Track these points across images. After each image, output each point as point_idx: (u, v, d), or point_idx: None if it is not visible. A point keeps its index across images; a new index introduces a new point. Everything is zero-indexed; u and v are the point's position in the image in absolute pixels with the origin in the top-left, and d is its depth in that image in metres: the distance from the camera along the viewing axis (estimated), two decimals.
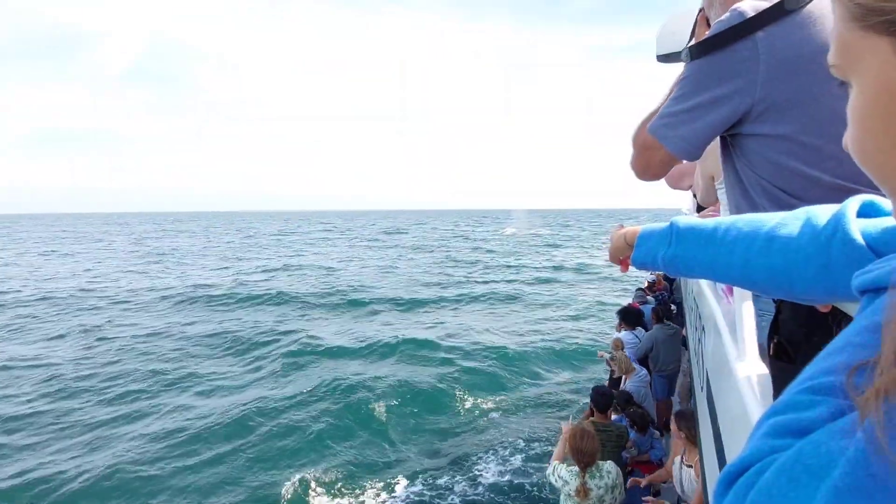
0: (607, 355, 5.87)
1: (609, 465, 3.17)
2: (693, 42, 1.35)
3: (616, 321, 7.06)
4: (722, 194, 1.83)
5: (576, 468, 3.13)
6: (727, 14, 0.95)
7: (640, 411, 4.54)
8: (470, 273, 22.99)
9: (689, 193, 3.01)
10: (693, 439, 3.09)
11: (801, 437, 0.31)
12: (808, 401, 0.33)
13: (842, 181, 0.89)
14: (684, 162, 1.20)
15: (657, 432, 4.66)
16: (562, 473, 3.16)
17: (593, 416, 4.26)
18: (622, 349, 5.64)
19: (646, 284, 10.25)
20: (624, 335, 6.25)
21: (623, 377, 5.35)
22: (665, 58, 1.67)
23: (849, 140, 0.38)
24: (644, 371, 5.46)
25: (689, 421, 3.17)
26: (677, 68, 1.18)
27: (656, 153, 1.09)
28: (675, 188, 2.56)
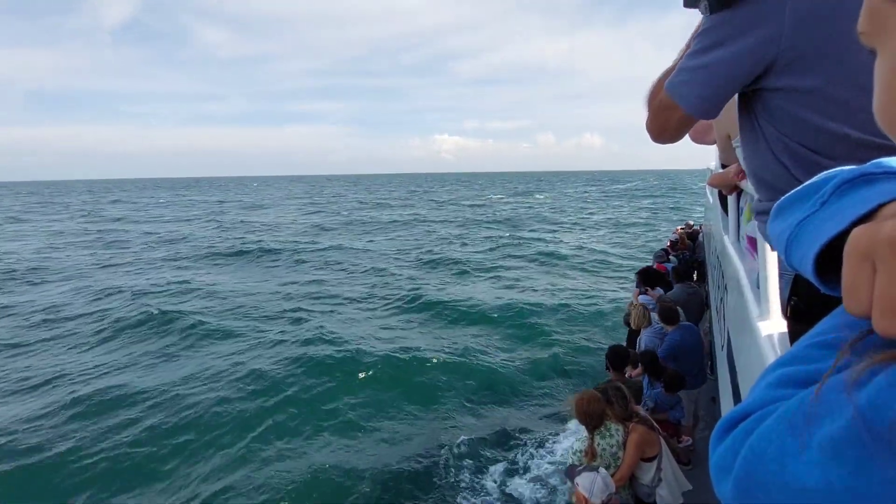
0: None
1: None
2: None
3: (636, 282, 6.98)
4: (740, 152, 1.75)
5: (585, 435, 3.16)
6: None
7: (675, 372, 4.47)
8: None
9: (715, 149, 2.90)
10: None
11: (805, 389, 0.31)
12: (815, 354, 0.34)
13: (870, 136, 0.84)
14: None
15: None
16: (574, 447, 3.18)
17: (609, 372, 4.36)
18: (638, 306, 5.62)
19: (668, 244, 10.08)
20: (643, 298, 6.19)
21: (641, 331, 5.35)
22: (693, 3, 1.57)
23: (874, 105, 0.39)
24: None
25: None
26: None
27: (674, 114, 1.02)
28: (699, 143, 2.46)
